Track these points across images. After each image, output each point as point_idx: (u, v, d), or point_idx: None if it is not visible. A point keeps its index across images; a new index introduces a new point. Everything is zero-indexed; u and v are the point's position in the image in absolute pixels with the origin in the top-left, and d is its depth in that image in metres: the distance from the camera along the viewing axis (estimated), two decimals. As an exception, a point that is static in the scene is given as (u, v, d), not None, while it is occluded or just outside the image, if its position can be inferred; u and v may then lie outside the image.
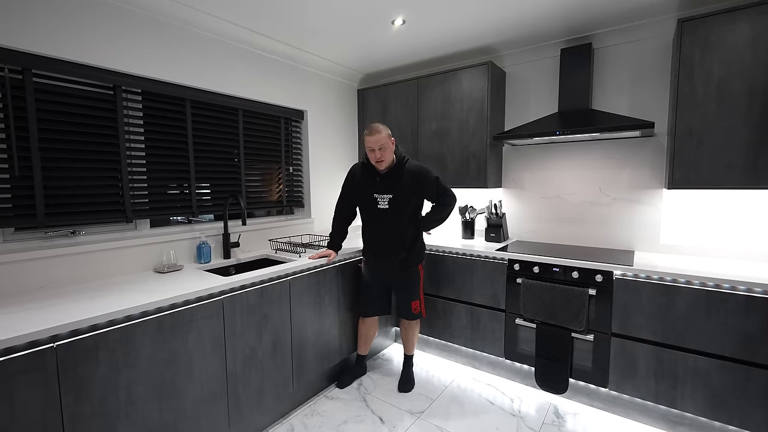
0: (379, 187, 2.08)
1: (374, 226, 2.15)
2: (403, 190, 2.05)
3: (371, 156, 2.02)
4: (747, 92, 1.75)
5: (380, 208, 2.08)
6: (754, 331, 1.63)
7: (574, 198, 2.53)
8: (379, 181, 2.08)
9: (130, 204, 1.89)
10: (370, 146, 1.99)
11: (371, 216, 2.14)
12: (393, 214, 2.07)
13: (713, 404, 1.72)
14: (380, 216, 2.10)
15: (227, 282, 1.68)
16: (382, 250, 2.16)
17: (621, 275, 1.92)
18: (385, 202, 2.07)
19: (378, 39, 2.49)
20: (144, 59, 1.89)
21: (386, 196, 2.07)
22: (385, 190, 2.07)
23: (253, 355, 1.79)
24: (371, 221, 2.16)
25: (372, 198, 2.10)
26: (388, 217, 2.08)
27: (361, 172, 2.16)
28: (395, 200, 2.06)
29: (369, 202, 2.12)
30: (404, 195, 2.06)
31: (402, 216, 2.08)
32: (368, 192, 2.11)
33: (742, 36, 1.75)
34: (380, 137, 1.96)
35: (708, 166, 1.86)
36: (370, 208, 2.13)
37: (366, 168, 2.12)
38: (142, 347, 1.38)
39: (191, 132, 2.14)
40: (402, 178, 2.05)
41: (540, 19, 2.18)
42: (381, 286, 2.27)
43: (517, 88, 2.71)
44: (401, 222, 2.09)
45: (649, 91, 2.24)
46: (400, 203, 2.06)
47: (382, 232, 2.13)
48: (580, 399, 2.11)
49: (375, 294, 2.28)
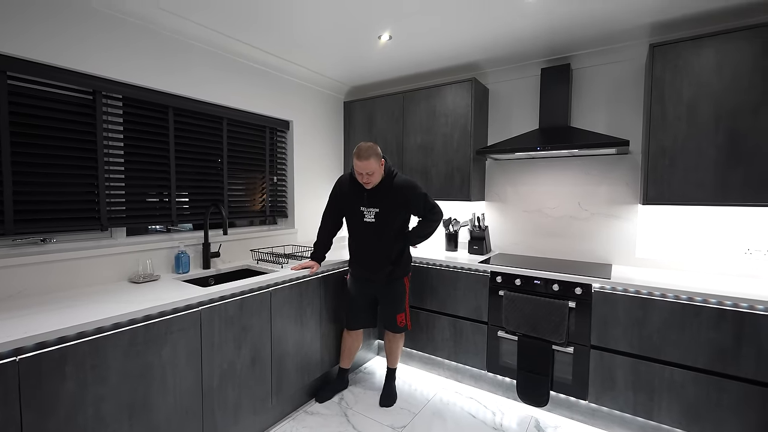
0: (366, 201, 2.06)
1: (360, 239, 2.13)
2: (390, 205, 2.03)
3: (359, 178, 1.99)
4: (714, 114, 1.85)
5: (366, 221, 2.07)
6: (726, 344, 1.68)
7: (555, 212, 2.59)
8: (366, 195, 2.05)
9: (105, 211, 1.84)
10: (358, 170, 1.96)
11: (357, 229, 2.13)
12: (379, 228, 2.05)
13: (688, 415, 1.76)
14: (366, 229, 2.08)
15: (205, 293, 1.64)
16: (368, 262, 2.14)
17: (599, 288, 1.96)
18: (372, 216, 2.05)
19: (365, 53, 2.53)
20: (127, 65, 1.87)
21: (373, 210, 2.05)
22: (371, 204, 2.05)
23: (231, 368, 1.74)
24: (357, 234, 2.14)
25: (358, 211, 2.08)
26: (374, 231, 2.06)
27: (348, 184, 2.12)
28: (382, 214, 2.04)
29: (355, 215, 2.10)
30: (391, 210, 2.04)
31: (388, 230, 2.07)
32: (355, 205, 2.09)
33: (708, 61, 1.86)
34: (369, 164, 1.91)
35: (680, 183, 1.94)
36: (356, 221, 2.11)
37: (354, 180, 2.08)
38: (113, 361, 1.33)
39: (173, 140, 2.11)
40: (389, 192, 2.03)
41: (522, 38, 2.27)
42: (367, 298, 2.24)
43: (499, 105, 2.79)
44: (387, 236, 2.07)
45: (624, 111, 2.34)
46: (386, 218, 2.04)
47: (368, 245, 2.11)
48: (560, 412, 2.12)
49: (360, 306, 2.24)
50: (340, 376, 2.36)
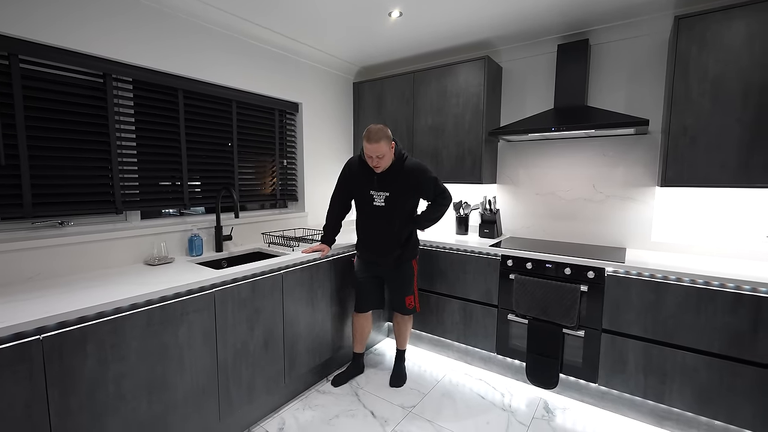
0: (376, 184, 2.04)
1: (369, 223, 2.12)
2: (400, 189, 2.02)
3: (368, 161, 1.97)
4: (742, 91, 1.76)
5: (376, 205, 2.06)
6: (742, 328, 1.65)
7: (568, 195, 2.54)
8: (376, 179, 2.03)
9: (120, 195, 1.86)
10: (368, 153, 1.93)
11: (366, 212, 2.12)
12: (389, 212, 2.04)
13: (700, 399, 1.75)
14: (375, 213, 2.07)
15: (219, 275, 1.66)
16: (376, 246, 2.14)
17: (612, 272, 1.93)
18: (381, 200, 2.04)
19: (374, 31, 2.46)
20: (136, 47, 1.85)
21: (383, 194, 2.03)
22: (381, 187, 2.03)
23: (245, 348, 1.78)
24: (366, 218, 2.13)
25: (368, 195, 2.07)
26: (383, 215, 2.06)
27: (358, 167, 2.10)
28: (391, 198, 2.02)
29: (365, 199, 2.09)
30: (401, 193, 2.03)
31: (397, 214, 2.06)
32: (364, 188, 2.07)
33: (739, 34, 1.75)
34: (379, 147, 1.88)
35: (701, 164, 1.87)
36: (365, 205, 2.10)
37: (363, 163, 2.05)
38: (131, 340, 1.37)
39: (183, 123, 2.11)
40: (399, 176, 2.01)
41: (537, 14, 2.17)
42: (375, 281, 2.26)
43: (513, 84, 2.70)
44: (396, 219, 2.06)
45: (645, 89, 2.24)
46: (396, 201, 2.03)
47: (377, 229, 2.10)
48: (570, 394, 2.13)
49: (369, 288, 2.25)
50: (354, 361, 2.37)
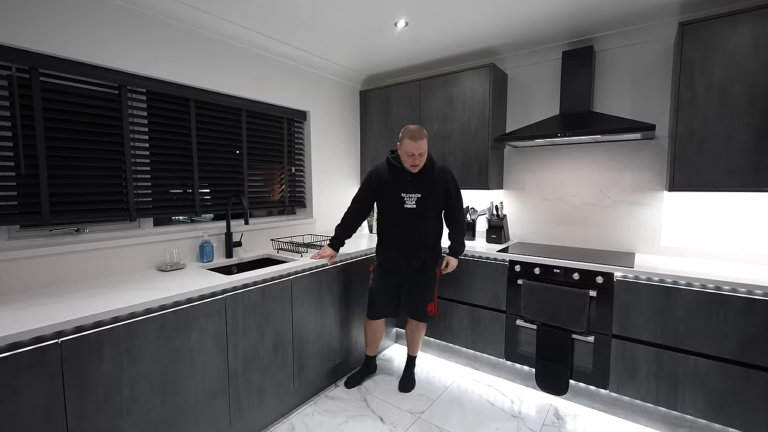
0: (409, 186, 2.04)
1: (399, 226, 2.09)
2: (431, 190, 2.04)
3: (409, 160, 1.97)
4: (748, 96, 1.76)
5: (407, 207, 2.05)
6: (755, 334, 1.63)
7: (576, 200, 2.54)
8: (409, 180, 2.04)
9: (134, 203, 1.91)
10: (410, 151, 1.93)
11: (396, 216, 2.08)
12: (419, 214, 2.05)
13: (713, 406, 1.73)
14: (406, 215, 2.06)
15: (229, 281, 1.69)
16: (405, 249, 2.10)
17: (622, 277, 1.92)
18: (413, 202, 2.04)
19: (380, 41, 2.50)
20: (149, 59, 1.91)
21: (414, 196, 2.04)
22: (414, 189, 2.04)
23: (255, 353, 1.80)
24: (396, 221, 2.09)
25: (399, 197, 2.05)
26: (414, 217, 2.05)
27: (387, 171, 2.10)
28: (423, 200, 2.03)
29: (395, 201, 2.07)
30: (432, 195, 2.05)
31: (428, 216, 2.07)
32: (395, 191, 2.06)
33: (744, 40, 1.76)
34: (423, 144, 1.93)
35: (709, 168, 1.87)
36: (395, 208, 2.07)
37: (393, 167, 2.07)
38: (145, 344, 1.40)
39: (195, 132, 2.16)
40: (431, 177, 2.05)
41: (542, 21, 2.20)
42: (392, 289, 2.22)
43: (518, 90, 2.72)
44: (426, 222, 2.07)
45: (650, 94, 2.25)
46: (428, 203, 2.04)
47: (407, 232, 2.07)
48: (580, 400, 2.11)
49: (385, 296, 2.22)
50: (367, 363, 2.39)
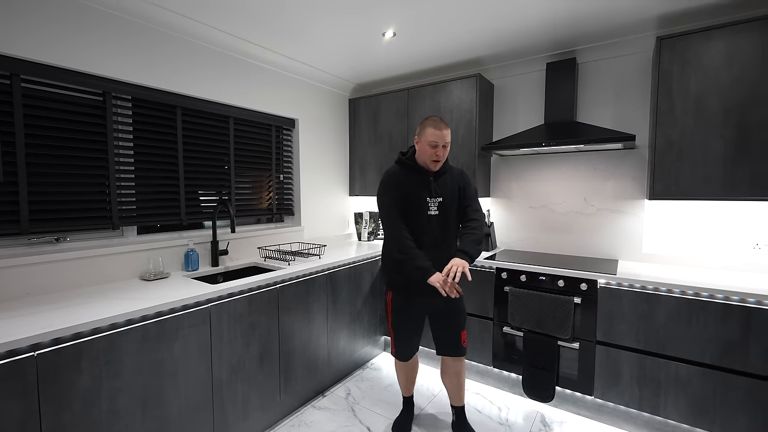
0: (433, 189, 1.75)
1: (422, 237, 1.73)
2: (452, 193, 1.78)
3: (430, 152, 1.69)
4: (723, 108, 1.82)
5: (430, 214, 1.74)
6: (733, 339, 1.67)
7: (561, 208, 2.58)
8: (432, 182, 1.76)
9: (117, 210, 1.88)
10: (433, 141, 1.67)
11: (420, 225, 1.73)
12: (442, 221, 1.76)
13: (695, 411, 1.76)
14: (430, 224, 1.73)
15: (215, 290, 1.67)
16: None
17: (605, 284, 1.96)
18: (435, 208, 1.75)
19: (369, 51, 2.53)
20: (135, 66, 1.90)
21: (437, 200, 1.75)
22: (437, 192, 1.75)
23: (240, 364, 1.77)
24: (420, 232, 1.73)
25: (423, 203, 1.73)
26: (437, 226, 1.75)
27: (403, 173, 1.78)
28: (445, 204, 1.76)
29: (419, 209, 1.73)
30: (452, 199, 1.79)
31: (450, 223, 1.78)
32: (420, 195, 1.74)
33: (718, 54, 1.83)
34: (448, 134, 1.70)
35: (687, 178, 1.92)
36: (418, 216, 1.73)
37: (410, 168, 1.78)
38: (126, 356, 1.37)
39: (181, 139, 2.14)
40: (450, 178, 1.80)
41: (526, 34, 2.25)
42: (420, 318, 1.86)
43: (505, 100, 2.78)
44: (450, 231, 1.79)
45: (631, 105, 2.31)
46: (449, 208, 1.77)
47: (432, 246, 1.73)
48: (566, 407, 2.13)
49: (414, 330, 1.87)
50: (407, 405, 2.05)
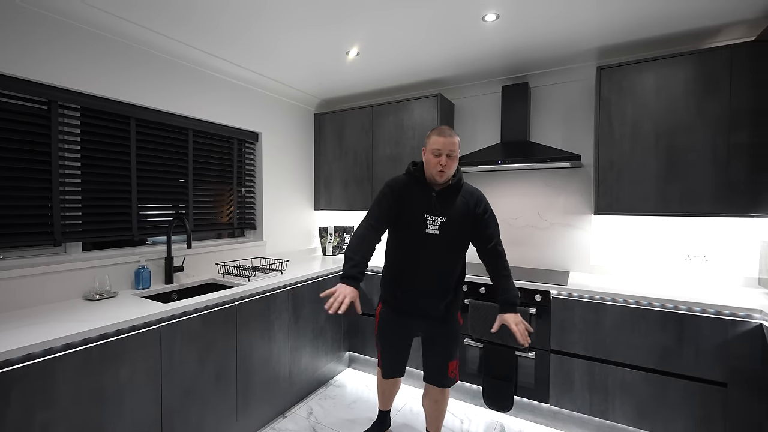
0: (435, 205, 1.62)
1: (417, 257, 1.65)
2: (459, 214, 1.63)
3: (434, 162, 1.58)
4: (654, 133, 2.02)
5: (429, 232, 1.62)
6: (670, 344, 1.81)
7: (518, 222, 2.71)
8: (434, 198, 1.62)
9: (60, 226, 1.76)
10: (437, 148, 1.57)
11: (415, 242, 1.64)
12: (443, 242, 1.62)
13: (639, 414, 1.87)
14: (427, 243, 1.62)
15: (167, 309, 1.59)
16: (423, 290, 1.67)
17: (557, 294, 2.07)
18: (436, 227, 1.61)
19: (334, 68, 2.57)
20: (87, 75, 1.81)
21: (439, 219, 1.62)
22: (439, 210, 1.62)
23: (194, 387, 1.69)
24: (413, 250, 1.65)
25: (421, 219, 1.62)
26: (436, 246, 1.63)
27: (406, 184, 1.67)
28: (447, 225, 1.61)
29: (416, 225, 1.63)
30: (459, 220, 1.63)
31: (452, 248, 1.65)
32: (418, 210, 1.63)
33: (649, 84, 2.03)
34: (453, 141, 1.58)
35: (626, 195, 2.09)
36: (415, 233, 1.63)
37: (414, 180, 1.67)
38: (63, 383, 1.27)
39: (135, 151, 2.06)
40: (459, 198, 1.65)
41: (482, 58, 2.39)
42: (406, 337, 1.80)
43: (465, 119, 2.90)
44: (452, 254, 1.66)
45: (577, 127, 2.50)
46: (453, 229, 1.62)
47: (427, 265, 1.65)
48: (524, 416, 2.20)
49: (399, 347, 1.81)
50: (381, 419, 2.05)
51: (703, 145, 1.92)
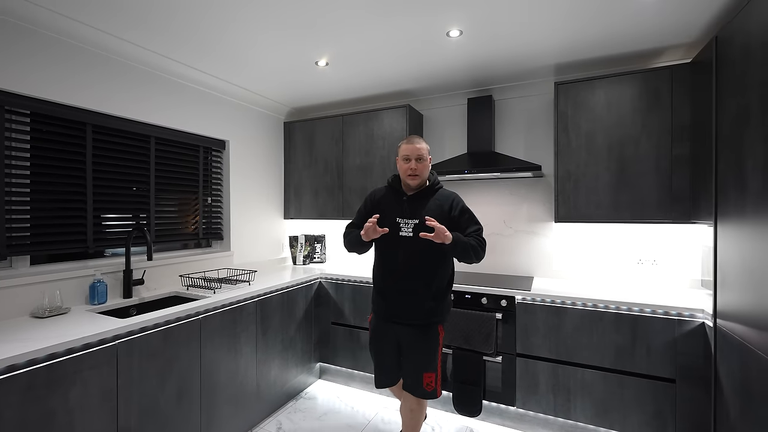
0: (406, 209, 1.73)
1: (393, 260, 1.72)
2: (432, 216, 1.66)
3: (405, 168, 1.71)
4: (607, 145, 2.16)
5: (402, 235, 1.70)
6: (624, 344, 1.91)
7: (485, 230, 2.78)
8: (405, 202, 1.74)
9: (4, 239, 1.64)
10: (405, 155, 1.71)
11: (390, 245, 1.73)
12: (417, 244, 1.66)
13: (599, 412, 1.96)
14: (401, 245, 1.70)
15: (124, 324, 1.52)
16: (400, 294, 1.71)
17: (522, 299, 2.14)
18: (409, 229, 1.70)
19: (303, 78, 2.58)
20: (35, 79, 1.72)
21: (411, 222, 1.70)
22: (411, 213, 1.71)
23: (154, 406, 1.61)
24: (390, 253, 1.74)
25: (394, 222, 1.72)
26: (411, 247, 1.68)
27: (384, 193, 1.84)
28: (422, 227, 1.66)
29: (391, 228, 1.70)
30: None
31: (430, 251, 1.67)
32: (390, 215, 1.74)
33: (600, 100, 2.17)
34: (420, 147, 1.70)
35: (583, 203, 2.22)
36: (390, 236, 1.70)
37: (391, 189, 1.82)
38: (5, 409, 1.17)
39: (91, 159, 1.96)
40: (432, 201, 1.74)
41: (448, 71, 2.47)
42: (393, 345, 1.79)
43: (433, 130, 2.98)
44: (429, 256, 1.68)
45: (538, 139, 2.63)
46: (427, 231, 1.64)
47: (402, 267, 1.70)
48: (493, 420, 2.24)
49: (387, 355, 1.80)
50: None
51: (648, 156, 2.07)
